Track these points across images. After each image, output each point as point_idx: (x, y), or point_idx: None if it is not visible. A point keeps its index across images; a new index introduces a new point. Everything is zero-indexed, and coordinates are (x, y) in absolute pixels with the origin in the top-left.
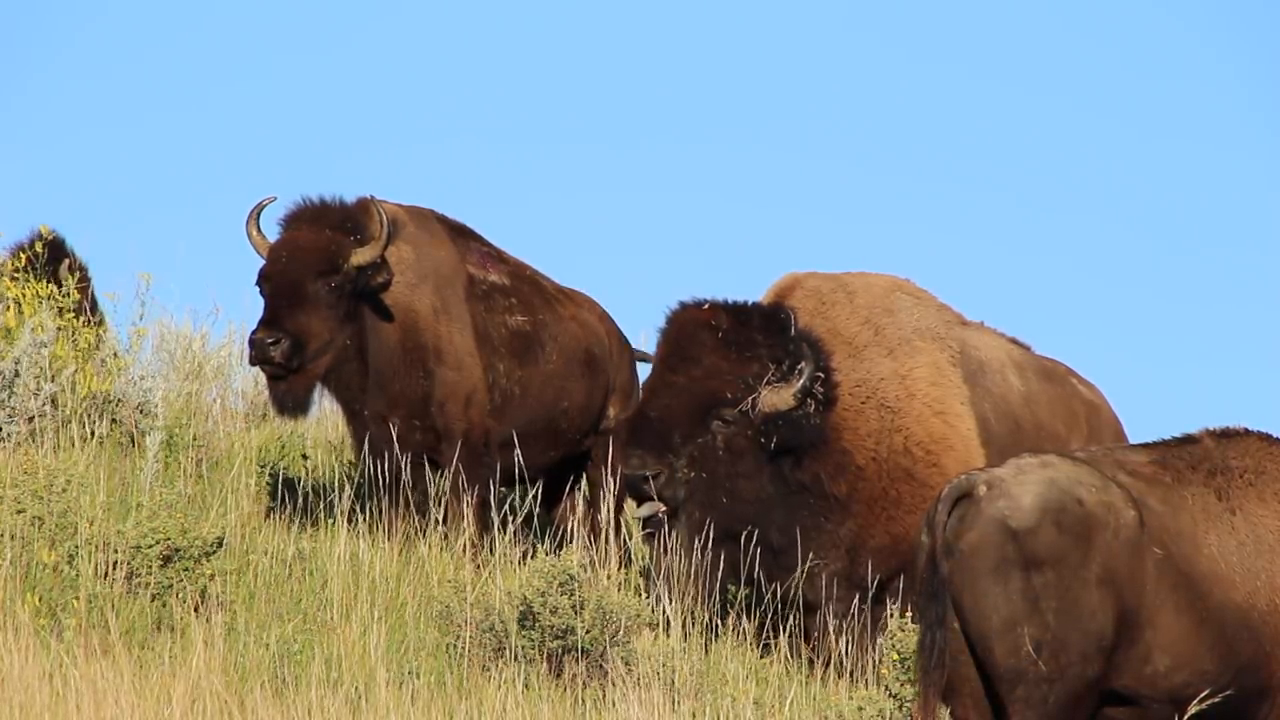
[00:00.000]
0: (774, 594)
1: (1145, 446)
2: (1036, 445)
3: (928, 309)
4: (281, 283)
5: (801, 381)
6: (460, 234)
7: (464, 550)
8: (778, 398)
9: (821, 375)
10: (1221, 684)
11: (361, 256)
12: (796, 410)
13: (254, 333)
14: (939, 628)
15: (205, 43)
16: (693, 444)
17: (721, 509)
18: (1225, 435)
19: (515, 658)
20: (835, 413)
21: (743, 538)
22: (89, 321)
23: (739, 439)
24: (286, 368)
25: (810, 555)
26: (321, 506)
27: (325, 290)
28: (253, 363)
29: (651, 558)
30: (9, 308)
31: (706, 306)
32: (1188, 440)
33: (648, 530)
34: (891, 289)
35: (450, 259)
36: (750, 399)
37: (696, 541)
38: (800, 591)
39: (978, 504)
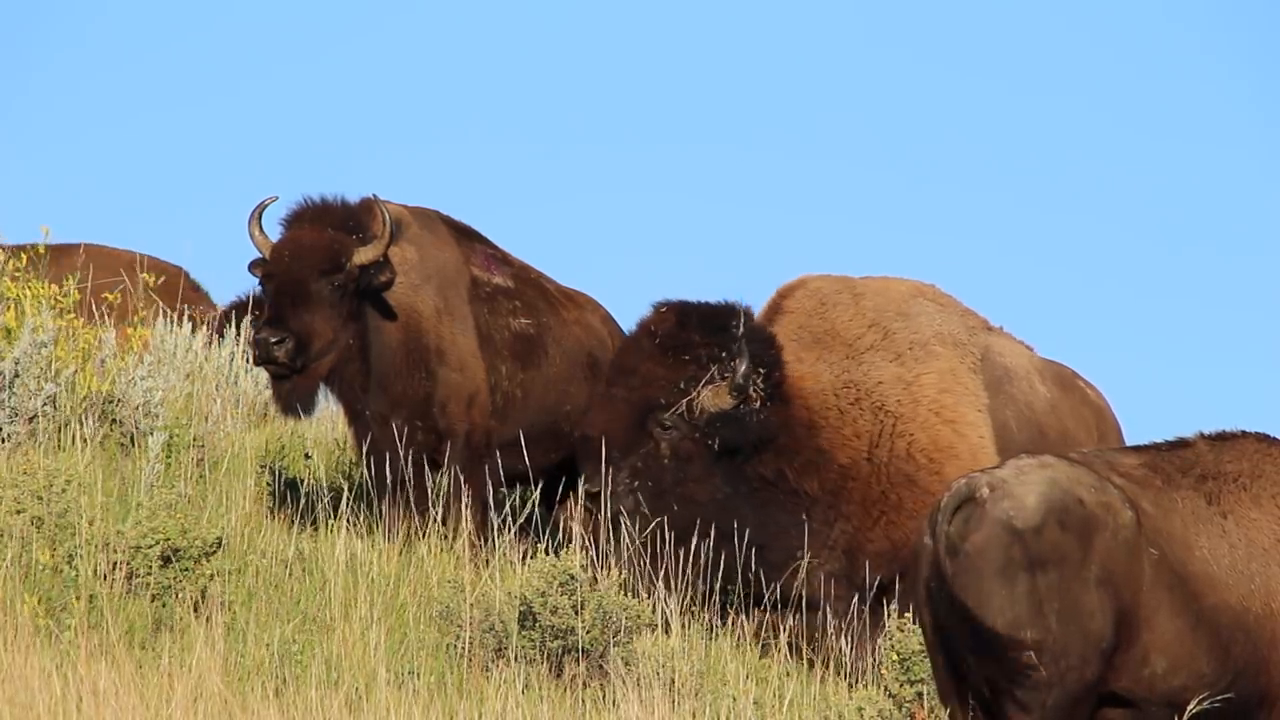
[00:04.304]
0: (755, 592)
1: (1136, 449)
2: (1061, 453)
3: (950, 315)
4: (285, 282)
5: (736, 379)
6: (465, 235)
7: (464, 550)
8: (718, 398)
9: (762, 371)
10: (1220, 687)
11: (364, 255)
12: (738, 409)
13: (258, 332)
14: (940, 631)
15: (207, 43)
16: (635, 455)
17: (674, 514)
18: (1221, 439)
19: (516, 658)
20: (811, 412)
21: (710, 538)
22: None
23: (685, 443)
24: (291, 367)
25: (797, 553)
26: (321, 507)
27: (329, 289)
28: (257, 363)
29: (589, 536)
30: (9, 308)
31: (662, 310)
32: (1180, 444)
33: (588, 506)
34: (913, 294)
35: (454, 260)
36: (685, 401)
37: (642, 547)
38: (796, 590)
39: (982, 506)
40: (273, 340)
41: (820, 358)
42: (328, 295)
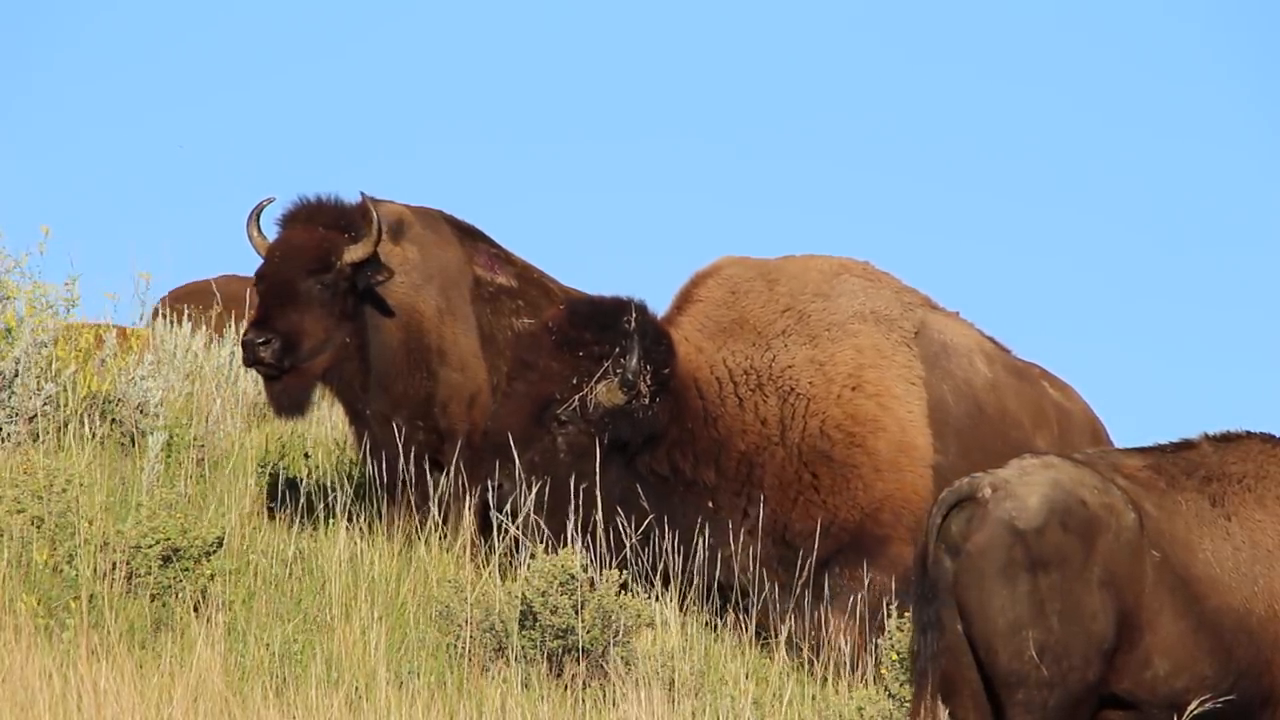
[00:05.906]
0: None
1: (1140, 451)
2: (1000, 432)
3: (881, 291)
4: (274, 282)
5: (625, 375)
6: (468, 235)
7: (464, 550)
8: (611, 394)
9: (651, 367)
10: (1221, 690)
11: (354, 254)
12: (629, 404)
13: (244, 334)
14: (933, 631)
15: (206, 43)
16: (532, 448)
17: (574, 508)
18: (1225, 439)
19: (515, 658)
20: (706, 402)
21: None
22: None
23: (581, 438)
24: (279, 368)
25: (711, 540)
26: (321, 506)
27: (318, 288)
28: (244, 364)
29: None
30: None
31: (564, 306)
32: (1185, 445)
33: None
34: (836, 272)
35: (457, 260)
36: (578, 397)
37: (550, 541)
38: (729, 576)
39: (984, 506)
40: (257, 341)
41: (723, 346)
42: (317, 295)
